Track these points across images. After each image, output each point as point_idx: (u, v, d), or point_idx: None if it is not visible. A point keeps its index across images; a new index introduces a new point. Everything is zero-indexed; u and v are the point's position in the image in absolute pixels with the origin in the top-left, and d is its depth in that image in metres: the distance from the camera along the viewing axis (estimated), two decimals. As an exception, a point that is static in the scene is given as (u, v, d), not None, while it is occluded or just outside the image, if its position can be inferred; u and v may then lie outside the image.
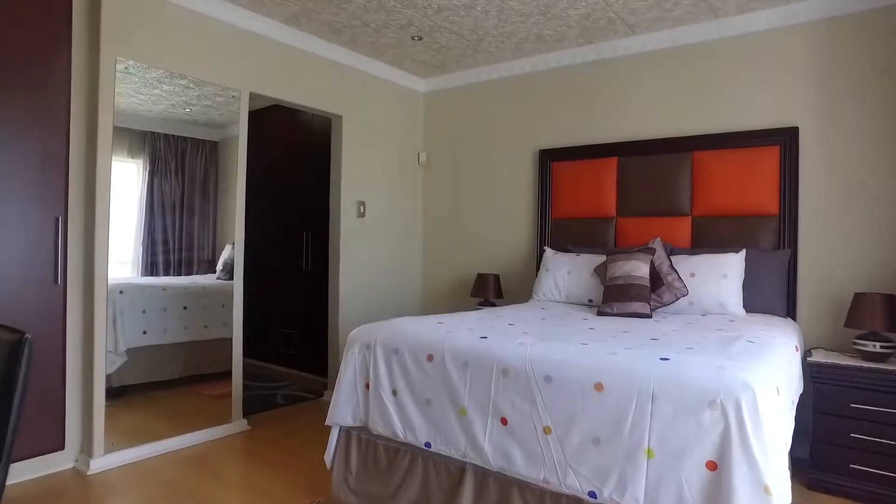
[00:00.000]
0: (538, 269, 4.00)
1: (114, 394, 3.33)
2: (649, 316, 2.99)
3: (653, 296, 3.15)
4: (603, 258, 3.49)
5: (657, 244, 3.34)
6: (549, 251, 3.87)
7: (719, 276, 3.11)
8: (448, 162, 4.80)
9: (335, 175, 4.30)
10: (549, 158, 4.15)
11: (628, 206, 3.80)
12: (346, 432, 2.53)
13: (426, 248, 4.94)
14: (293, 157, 5.02)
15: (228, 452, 3.17)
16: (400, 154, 4.75)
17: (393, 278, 4.69)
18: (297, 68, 3.90)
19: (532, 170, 4.28)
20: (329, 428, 2.54)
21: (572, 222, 4.03)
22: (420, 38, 3.90)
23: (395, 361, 2.36)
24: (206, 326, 3.74)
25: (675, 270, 3.19)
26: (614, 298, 3.12)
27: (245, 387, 4.47)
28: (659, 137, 3.70)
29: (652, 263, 3.22)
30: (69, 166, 2.91)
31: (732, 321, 2.82)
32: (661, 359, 1.85)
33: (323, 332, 4.42)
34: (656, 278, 3.19)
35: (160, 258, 3.56)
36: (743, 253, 3.21)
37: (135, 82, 3.19)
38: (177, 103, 3.48)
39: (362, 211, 4.41)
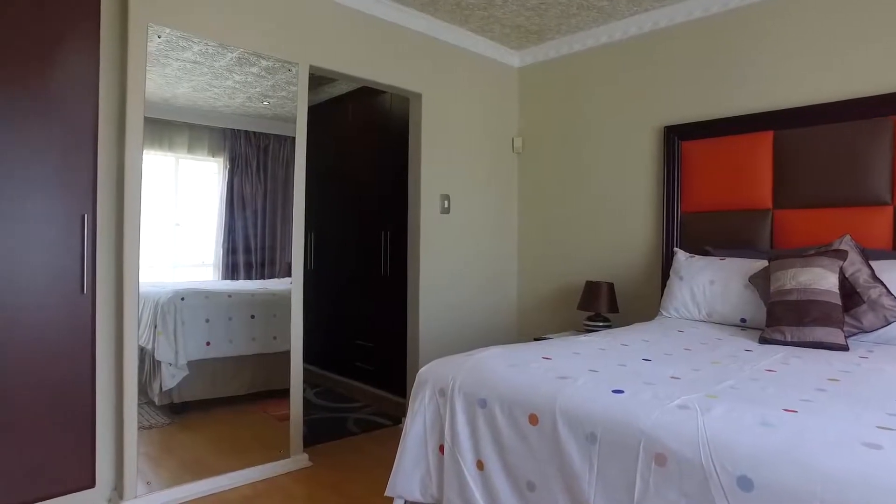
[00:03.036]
0: (665, 276, 3.08)
1: (175, 410, 2.96)
2: (844, 347, 2.03)
3: (847, 318, 2.17)
4: (761, 263, 2.54)
5: (847, 244, 2.35)
6: (680, 254, 2.95)
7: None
8: (548, 147, 3.95)
9: (413, 163, 3.59)
10: (677, 136, 3.21)
11: (790, 195, 2.80)
12: (415, 508, 1.79)
13: (522, 249, 4.11)
14: (372, 150, 4.38)
15: (280, 499, 2.55)
16: (490, 139, 3.97)
17: (483, 285, 3.91)
18: (363, 37, 3.22)
19: (654, 152, 3.35)
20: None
21: (710, 216, 3.07)
22: (514, -7, 3.11)
23: (480, 418, 1.59)
24: (275, 338, 3.22)
25: (881, 282, 2.19)
26: (786, 320, 2.17)
27: (315, 407, 3.95)
28: (838, 100, 2.67)
29: (842, 271, 2.24)
30: (97, 156, 2.41)
31: None
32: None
33: (403, 347, 3.74)
34: (851, 293, 2.20)
35: (241, 260, 3.22)
36: None
37: (204, 73, 2.77)
38: (253, 95, 3.03)
39: (446, 206, 3.67)
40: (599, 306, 3.22)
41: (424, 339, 3.55)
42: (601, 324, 3.21)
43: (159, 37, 2.51)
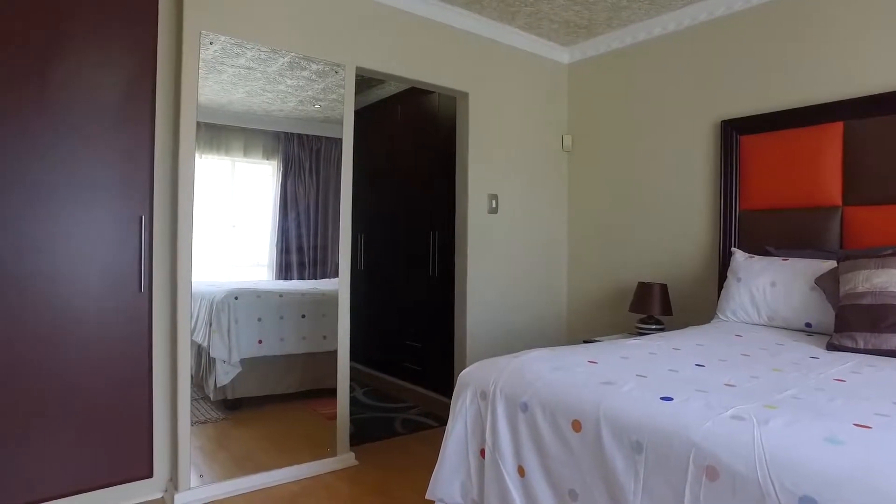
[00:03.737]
0: (722, 277, 2.92)
1: (229, 406, 3.03)
2: (924, 356, 1.85)
3: (927, 324, 1.98)
4: (829, 264, 2.36)
5: (927, 244, 2.15)
6: (738, 254, 2.78)
7: None
8: (599, 145, 3.83)
9: (461, 163, 3.55)
10: (735, 131, 3.03)
11: (862, 190, 2.59)
12: (456, 512, 1.74)
13: (572, 249, 4.00)
14: (420, 150, 4.37)
15: (325, 496, 2.55)
16: (539, 138, 3.87)
17: (531, 286, 3.82)
18: (409, 37, 3.20)
19: (711, 147, 3.19)
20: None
21: (770, 215, 2.88)
22: (562, -12, 3.02)
23: (522, 423, 1.53)
24: (324, 337, 3.23)
25: (967, 285, 1.99)
26: (859, 326, 2.00)
27: (364, 406, 3.96)
28: (917, 87, 2.46)
29: (921, 273, 2.05)
30: (154, 160, 2.49)
31: None
32: None
33: (451, 348, 3.70)
34: (931, 296, 2.01)
35: (293, 261, 3.25)
36: None
37: (258, 79, 2.82)
38: (304, 99, 3.07)
39: (494, 206, 3.61)
40: (652, 308, 3.09)
41: (471, 340, 3.50)
42: (654, 326, 3.07)
43: (211, 43, 2.57)
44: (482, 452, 1.64)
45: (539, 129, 3.87)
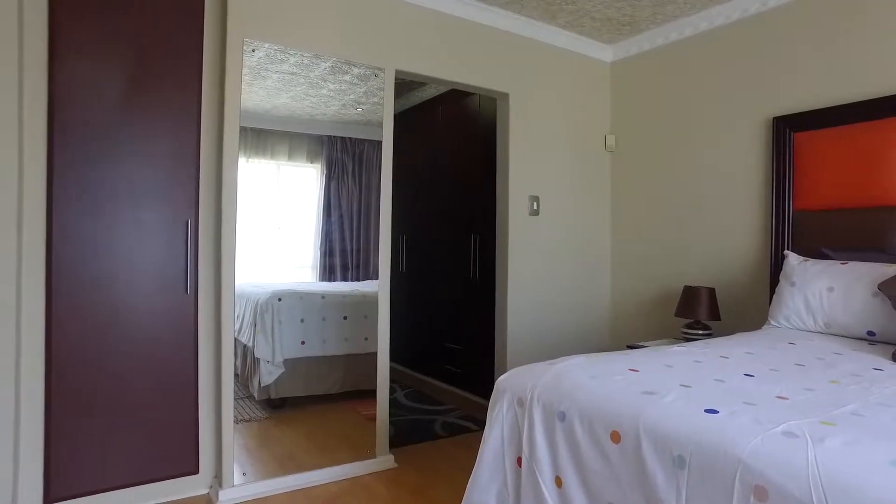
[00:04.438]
0: (774, 281, 2.78)
1: (273, 405, 3.08)
2: None
3: None
4: (894, 269, 2.20)
5: None
6: (792, 257, 2.64)
7: None
8: (643, 145, 3.71)
9: (501, 165, 3.50)
10: (788, 127, 2.88)
11: (930, 189, 2.41)
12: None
13: (616, 251, 3.89)
14: (461, 152, 4.34)
15: (365, 498, 2.55)
16: (581, 138, 3.79)
17: (573, 289, 3.74)
18: (447, 39, 3.17)
19: (761, 145, 3.03)
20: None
21: (827, 215, 2.72)
22: (604, -15, 2.94)
23: (559, 432, 1.48)
24: (366, 339, 3.24)
25: None
26: (926, 334, 1.86)
27: (404, 408, 3.96)
28: None
29: None
30: (199, 165, 2.55)
31: None
32: None
33: (491, 351, 3.65)
34: None
35: (337, 262, 3.27)
36: None
37: (301, 84, 2.86)
38: (347, 103, 3.10)
39: (535, 208, 3.55)
40: (699, 313, 2.96)
41: (512, 343, 3.45)
42: (701, 332, 2.95)
43: (254, 51, 2.61)
44: (519, 461, 1.60)
45: (581, 129, 3.78)
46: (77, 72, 2.26)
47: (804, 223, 2.80)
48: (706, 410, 1.26)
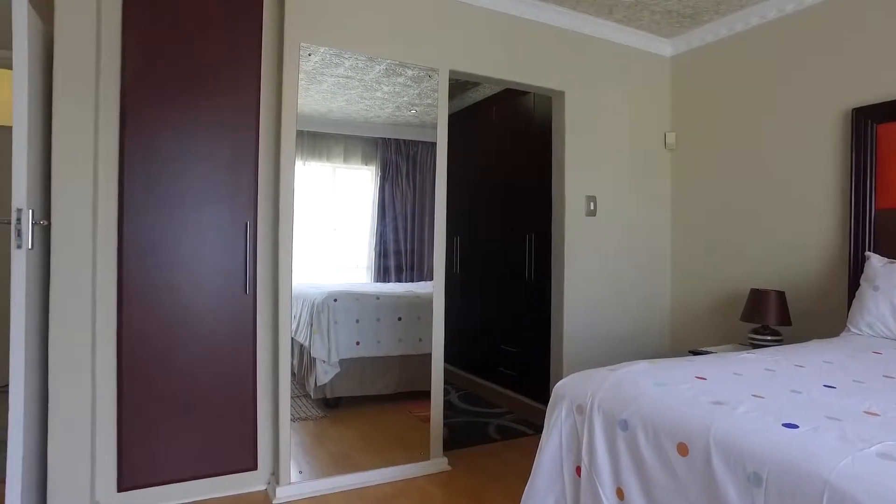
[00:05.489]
0: (853, 285, 2.58)
1: (328, 404, 3.11)
2: None
3: None
4: None
5: None
6: (874, 259, 2.44)
7: None
8: (705, 142, 3.54)
9: (557, 164, 3.42)
10: (870, 119, 2.67)
11: None
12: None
13: (677, 252, 3.73)
14: (516, 152, 4.28)
15: (419, 500, 2.53)
16: (640, 136, 3.65)
17: (632, 291, 3.61)
18: (501, 37, 3.12)
19: (837, 139, 2.83)
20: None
21: (915, 214, 2.51)
22: (664, -24, 2.81)
23: (621, 441, 1.41)
24: (420, 340, 3.24)
25: None
26: None
27: (458, 410, 3.93)
28: None
29: None
30: (258, 168, 2.60)
31: None
32: None
33: (547, 354, 3.57)
34: None
35: (391, 263, 3.28)
36: None
37: (356, 87, 2.88)
38: (401, 105, 3.11)
39: (592, 208, 3.45)
40: (767, 318, 2.79)
41: (569, 347, 3.36)
42: (769, 338, 2.77)
43: (310, 55, 2.64)
44: (578, 470, 1.53)
45: (640, 127, 3.65)
46: (146, 78, 2.35)
47: (888, 222, 2.60)
48: (784, 424, 1.16)
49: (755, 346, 2.73)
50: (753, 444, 1.12)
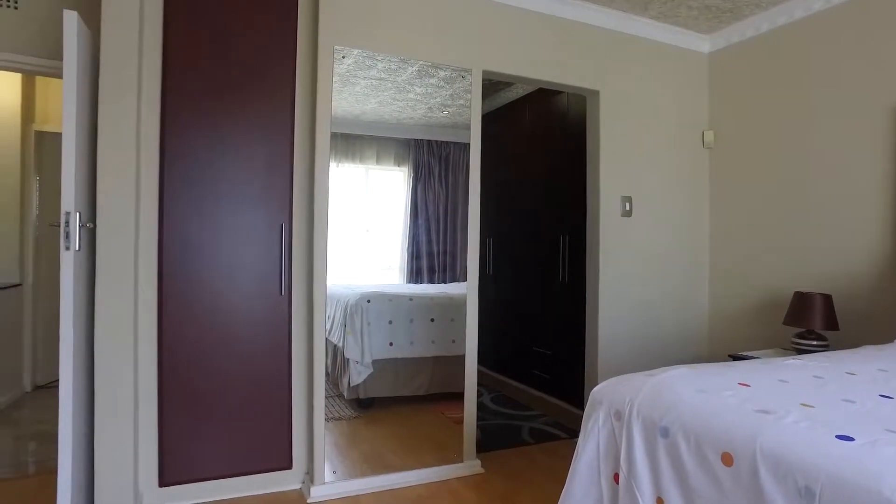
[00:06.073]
0: (906, 288, 2.47)
1: (362, 405, 3.14)
2: None
3: None
4: None
5: None
6: (929, 261, 2.33)
7: None
8: (745, 140, 3.44)
9: (592, 164, 3.36)
10: (923, 116, 2.55)
11: None
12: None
13: (715, 254, 3.63)
14: (549, 152, 4.23)
15: (452, 502, 2.52)
16: (677, 135, 3.57)
17: (669, 293, 3.53)
18: (535, 37, 3.09)
19: (888, 136, 2.70)
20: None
21: (973, 214, 2.38)
22: (703, -30, 2.74)
23: (662, 449, 1.37)
24: (453, 341, 3.23)
25: None
26: None
27: (491, 412, 3.91)
28: None
29: None
30: (293, 171, 2.62)
31: None
32: None
33: (581, 356, 3.52)
34: None
35: (424, 265, 3.30)
36: None
37: (388, 89, 2.90)
38: (433, 106, 3.12)
39: (628, 208, 3.38)
40: (812, 322, 2.69)
41: (603, 350, 3.30)
42: (815, 343, 2.67)
43: (344, 57, 2.65)
44: (616, 477, 1.49)
45: (676, 125, 3.56)
46: (185, 85, 2.40)
47: (942, 223, 2.47)
48: (838, 437, 1.10)
49: (800, 352, 2.63)
50: (805, 456, 1.07)
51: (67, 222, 2.02)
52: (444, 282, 3.34)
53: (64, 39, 2.02)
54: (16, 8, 2.60)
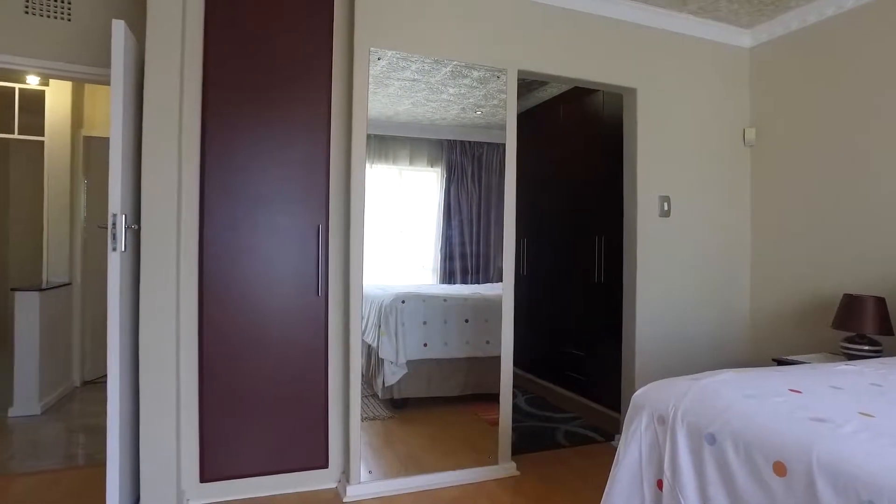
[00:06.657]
0: (966, 290, 2.34)
1: (396, 405, 3.16)
2: None
3: None
4: None
5: None
6: None
7: None
8: (789, 137, 3.31)
9: (629, 164, 3.29)
10: (984, 109, 2.41)
11: None
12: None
13: (757, 254, 3.51)
14: (584, 151, 4.17)
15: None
16: (717, 133, 3.46)
17: (709, 295, 3.42)
18: (570, 35, 3.04)
19: (946, 132, 2.57)
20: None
21: None
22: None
23: (708, 456, 1.32)
24: (487, 342, 3.21)
25: None
26: None
27: (525, 414, 3.87)
28: None
29: None
30: (329, 173, 2.64)
31: None
32: None
33: (617, 359, 3.45)
34: None
35: (457, 265, 3.30)
36: None
37: (422, 90, 2.90)
38: (466, 106, 3.11)
39: (666, 209, 3.30)
40: (864, 326, 2.57)
41: (641, 352, 3.22)
42: (867, 348, 2.55)
43: (379, 59, 2.66)
44: (659, 483, 1.45)
45: (716, 123, 3.46)
46: (224, 89, 2.44)
47: None
48: (901, 447, 1.04)
49: (850, 357, 2.52)
50: (868, 469, 1.02)
51: (114, 224, 2.07)
52: (478, 283, 3.32)
53: (112, 47, 2.07)
54: (69, 20, 2.69)
